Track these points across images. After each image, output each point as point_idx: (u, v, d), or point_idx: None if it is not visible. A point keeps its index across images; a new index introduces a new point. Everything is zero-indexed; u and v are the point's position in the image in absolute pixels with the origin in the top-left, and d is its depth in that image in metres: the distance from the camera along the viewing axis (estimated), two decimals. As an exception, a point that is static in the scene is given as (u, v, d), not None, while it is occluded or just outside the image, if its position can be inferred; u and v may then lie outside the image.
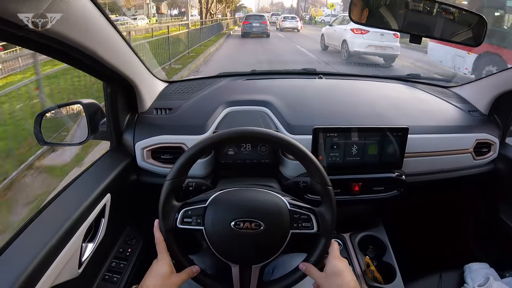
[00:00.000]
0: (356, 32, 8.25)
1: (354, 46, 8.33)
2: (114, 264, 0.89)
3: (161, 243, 0.67)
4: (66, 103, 0.92)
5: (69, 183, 0.79)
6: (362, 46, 8.23)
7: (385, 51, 8.20)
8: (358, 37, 8.25)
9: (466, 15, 0.94)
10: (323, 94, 1.17)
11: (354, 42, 8.33)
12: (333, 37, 9.86)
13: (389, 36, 7.96)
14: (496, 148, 1.13)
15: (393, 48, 8.16)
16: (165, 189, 0.67)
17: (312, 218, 0.68)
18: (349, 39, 8.49)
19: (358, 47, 8.28)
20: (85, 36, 0.61)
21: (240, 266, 0.69)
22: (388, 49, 8.16)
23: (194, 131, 0.94)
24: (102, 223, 0.80)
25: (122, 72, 0.80)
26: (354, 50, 8.35)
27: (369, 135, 0.94)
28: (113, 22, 0.70)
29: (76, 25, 0.57)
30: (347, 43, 8.55)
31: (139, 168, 0.96)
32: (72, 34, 0.56)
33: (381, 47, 8.13)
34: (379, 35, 7.99)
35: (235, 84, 1.21)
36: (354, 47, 8.33)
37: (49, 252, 0.60)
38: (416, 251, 1.22)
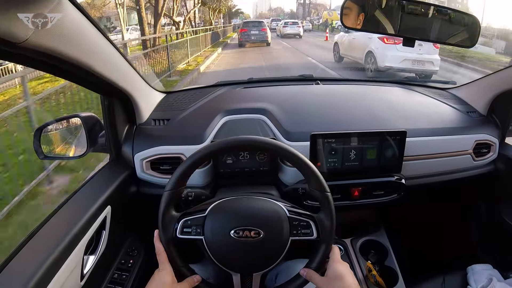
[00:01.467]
0: (387, 42, 6.26)
1: (385, 60, 6.30)
2: (116, 275, 0.89)
3: (162, 253, 0.67)
4: (65, 116, 0.93)
5: (69, 196, 0.80)
6: (395, 61, 6.21)
7: (423, 67, 6.24)
8: (390, 49, 6.21)
9: (461, 16, 0.94)
10: (320, 100, 1.17)
11: (384, 55, 6.33)
12: (352, 46, 7.70)
13: (428, 47, 6.12)
14: (495, 149, 1.12)
15: (433, 63, 6.28)
16: (164, 200, 0.67)
17: (311, 225, 0.68)
18: (377, 50, 6.50)
19: (390, 62, 6.24)
20: (80, 50, 0.61)
21: (241, 274, 0.69)
22: (427, 64, 6.26)
23: (193, 141, 0.94)
24: (103, 235, 0.80)
25: (119, 85, 0.81)
26: (386, 65, 6.31)
27: (367, 139, 0.93)
28: (107, 35, 0.71)
29: (71, 40, 0.58)
30: (375, 56, 6.54)
31: (138, 180, 0.96)
32: (67, 50, 0.57)
33: (418, 61, 6.21)
34: (416, 46, 5.56)
35: (232, 92, 1.22)
36: (386, 62, 6.29)
37: (51, 266, 0.60)
38: (418, 255, 1.21)
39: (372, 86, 1.34)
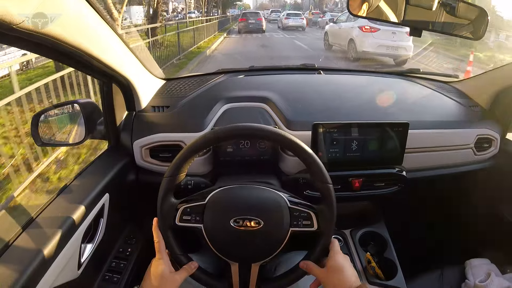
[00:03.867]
0: (365, 30, 7.39)
1: (363, 46, 7.43)
2: (114, 264, 0.88)
3: (159, 242, 0.66)
4: (63, 102, 0.91)
5: (66, 183, 0.79)
6: (371, 46, 7.33)
7: (396, 52, 7.31)
8: (367, 36, 7.37)
9: (467, 8, 0.92)
10: (322, 90, 1.15)
11: (362, 41, 7.46)
12: (338, 35, 8.92)
13: (402, 35, 7.12)
14: (497, 144, 1.12)
15: (405, 49, 7.32)
16: (164, 187, 0.66)
17: (312, 216, 0.67)
18: (356, 38, 7.61)
19: (367, 47, 7.38)
20: (79, 34, 0.60)
21: (239, 264, 0.69)
22: (400, 50, 7.30)
23: (193, 128, 0.93)
24: (101, 223, 0.79)
25: (118, 71, 0.79)
26: (363, 50, 7.46)
27: (369, 130, 0.93)
28: (108, 20, 0.69)
29: (70, 24, 0.56)
30: (355, 43, 7.66)
31: (137, 167, 0.95)
32: (65, 33, 0.55)
33: (392, 47, 7.27)
34: (390, 34, 7.24)
35: (233, 80, 1.20)
36: (363, 47, 7.43)
37: (48, 254, 0.60)
38: (417, 247, 1.22)
39: (375, 78, 1.33)
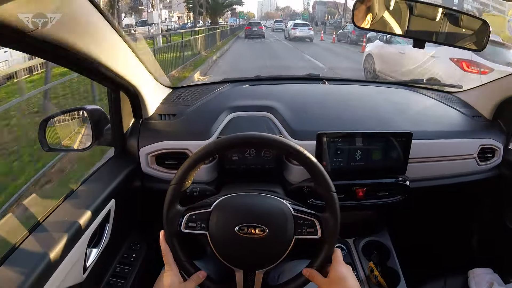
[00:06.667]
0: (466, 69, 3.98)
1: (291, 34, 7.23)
2: (118, 269, 0.89)
3: (167, 254, 0.67)
4: (70, 109, 0.92)
5: (73, 189, 0.80)
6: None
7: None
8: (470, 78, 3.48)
9: (470, 20, 0.94)
10: (327, 100, 1.16)
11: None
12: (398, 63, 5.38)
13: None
14: (500, 154, 1.12)
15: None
16: (170, 194, 0.67)
17: (316, 224, 0.67)
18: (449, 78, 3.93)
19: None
20: (89, 42, 0.61)
21: (243, 271, 0.69)
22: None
23: (198, 136, 0.94)
24: (106, 229, 0.80)
25: (126, 79, 0.81)
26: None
27: (373, 140, 0.93)
28: (118, 28, 0.70)
29: (81, 32, 0.57)
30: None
31: (143, 174, 0.96)
32: (76, 40, 0.57)
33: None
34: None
35: (239, 89, 1.21)
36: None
37: (54, 257, 0.60)
38: (420, 256, 1.21)
39: (379, 88, 1.34)
